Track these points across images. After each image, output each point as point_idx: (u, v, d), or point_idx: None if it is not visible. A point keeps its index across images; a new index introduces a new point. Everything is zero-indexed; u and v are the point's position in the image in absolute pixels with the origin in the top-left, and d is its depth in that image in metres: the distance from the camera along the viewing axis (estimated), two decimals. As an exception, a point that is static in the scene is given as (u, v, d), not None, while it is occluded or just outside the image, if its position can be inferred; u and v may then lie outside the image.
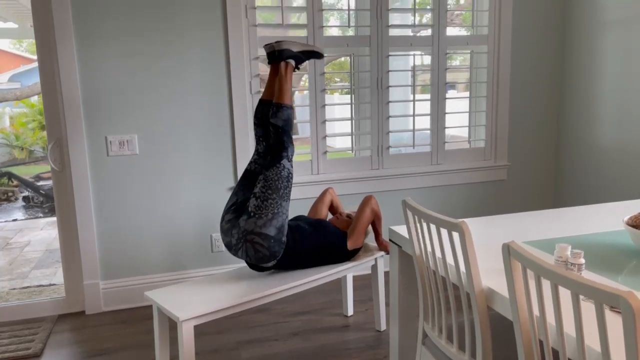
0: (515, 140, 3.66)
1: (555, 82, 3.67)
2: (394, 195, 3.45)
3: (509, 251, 1.21)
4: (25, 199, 6.87)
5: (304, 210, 3.17)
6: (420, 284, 1.73)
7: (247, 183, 2.36)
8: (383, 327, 2.73)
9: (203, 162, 3.09)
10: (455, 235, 1.45)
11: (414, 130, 3.40)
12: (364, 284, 3.27)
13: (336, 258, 2.48)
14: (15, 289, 3.79)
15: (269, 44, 2.36)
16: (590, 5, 3.38)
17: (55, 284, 3.82)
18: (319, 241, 2.41)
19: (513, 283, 1.22)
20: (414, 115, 3.38)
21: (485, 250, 1.70)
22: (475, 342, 1.48)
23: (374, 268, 2.66)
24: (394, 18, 3.39)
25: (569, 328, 1.15)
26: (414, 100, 3.40)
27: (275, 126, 2.30)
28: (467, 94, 3.64)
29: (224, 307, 2.12)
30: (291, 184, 2.30)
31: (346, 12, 3.25)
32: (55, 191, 2.95)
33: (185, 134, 3.03)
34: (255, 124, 2.43)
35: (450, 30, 3.46)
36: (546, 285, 1.28)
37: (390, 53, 3.31)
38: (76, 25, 2.78)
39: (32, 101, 8.82)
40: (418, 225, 1.62)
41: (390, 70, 3.32)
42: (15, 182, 7.26)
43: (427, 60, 3.44)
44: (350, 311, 2.90)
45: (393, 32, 3.31)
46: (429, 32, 3.39)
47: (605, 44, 3.29)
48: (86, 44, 2.81)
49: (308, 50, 2.42)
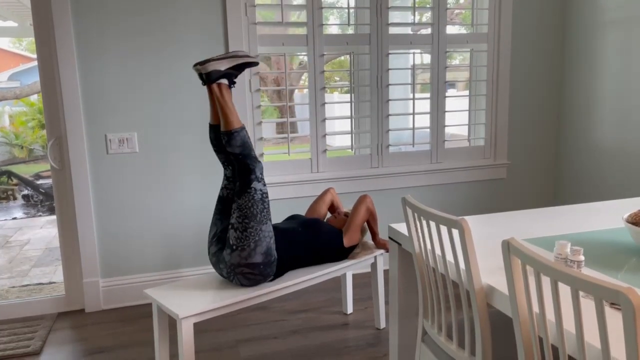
0: (514, 138, 3.66)
1: (555, 81, 3.67)
2: (394, 193, 3.45)
3: (508, 248, 1.21)
4: (25, 197, 6.87)
5: (303, 209, 3.18)
6: (420, 281, 1.73)
7: (223, 210, 2.28)
8: (383, 325, 2.73)
9: (202, 160, 3.08)
10: (455, 232, 1.45)
11: (413, 128, 3.40)
12: (364, 282, 3.27)
13: (333, 256, 2.47)
14: (15, 287, 3.80)
15: (195, 66, 2.15)
16: (590, 5, 3.38)
17: (54, 282, 3.82)
18: (312, 241, 2.40)
19: (513, 280, 1.22)
20: (413, 113, 3.38)
21: (485, 247, 1.70)
22: (475, 340, 1.48)
23: (374, 266, 2.66)
24: (394, 16, 3.39)
25: (569, 325, 1.14)
26: (413, 98, 3.40)
27: (234, 154, 2.17)
28: (467, 92, 3.64)
29: (224, 305, 2.12)
30: (267, 203, 2.19)
31: (346, 10, 3.25)
32: (55, 189, 2.95)
33: (185, 132, 3.03)
34: (214, 150, 2.30)
35: (450, 29, 3.46)
36: (546, 282, 1.28)
37: (390, 51, 3.30)
38: (76, 23, 2.78)
39: (32, 100, 8.82)
40: (418, 222, 1.62)
41: (390, 69, 3.32)
42: (15, 181, 7.26)
43: (427, 58, 3.44)
44: (350, 309, 2.90)
45: (393, 31, 3.31)
46: (428, 31, 3.39)
47: (605, 43, 3.29)
48: (86, 43, 2.81)
49: (239, 63, 2.19)
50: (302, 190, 3.23)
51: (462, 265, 1.47)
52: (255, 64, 2.27)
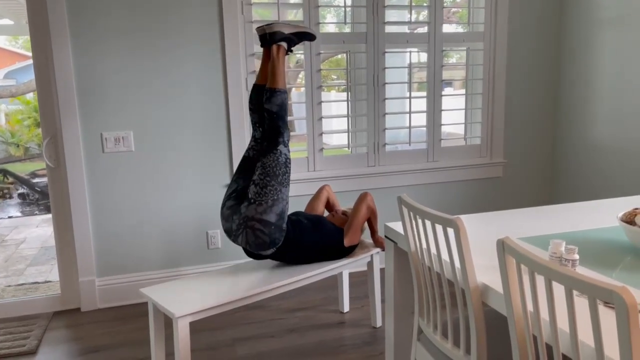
0: (511, 137, 3.67)
1: (550, 80, 3.68)
2: (390, 192, 3.45)
3: (503, 247, 1.21)
4: (20, 196, 6.85)
5: (301, 207, 3.18)
6: (416, 280, 1.73)
7: (246, 170, 2.34)
8: (379, 324, 2.73)
9: (199, 159, 3.08)
10: (450, 231, 1.45)
11: (410, 127, 3.40)
12: (360, 281, 3.27)
13: (333, 255, 2.48)
14: (10, 286, 3.78)
15: (261, 27, 2.32)
16: (587, 3, 3.38)
17: (50, 281, 3.81)
18: (317, 237, 2.42)
19: (507, 279, 1.23)
20: (410, 112, 3.38)
21: (480, 246, 1.70)
22: (470, 338, 1.48)
23: (370, 265, 2.67)
24: (390, 15, 3.39)
25: (563, 323, 1.15)
26: (410, 97, 3.40)
27: (269, 112, 2.27)
28: (463, 91, 3.65)
29: (220, 304, 2.12)
30: (289, 169, 2.28)
31: (342, 9, 3.25)
32: (51, 188, 2.94)
33: (181, 131, 3.03)
34: (250, 109, 2.40)
35: (447, 28, 3.46)
36: (540, 280, 1.29)
37: (386, 50, 3.30)
38: (71, 22, 2.77)
39: (28, 98, 8.79)
40: (413, 221, 1.63)
41: (387, 68, 3.32)
42: (10, 179, 7.23)
43: (424, 57, 3.44)
44: (346, 308, 2.91)
45: (389, 29, 3.31)
46: (425, 29, 3.39)
47: (601, 41, 3.30)
48: (81, 41, 2.80)
49: (300, 31, 2.36)
50: (299, 189, 3.23)
51: (458, 264, 1.47)
52: (314, 38, 2.43)
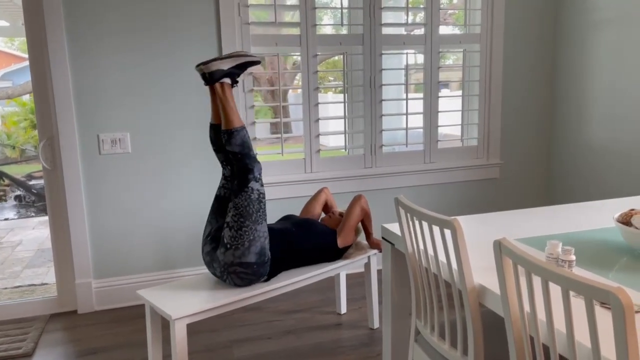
0: (507, 138, 3.68)
1: (547, 81, 3.69)
2: (387, 193, 3.45)
3: (500, 248, 1.21)
4: (17, 198, 6.82)
5: (297, 209, 3.17)
6: (413, 281, 1.73)
7: (219, 209, 2.29)
8: (376, 325, 2.73)
9: (195, 161, 3.08)
10: (447, 232, 1.45)
11: (407, 128, 3.40)
12: (357, 282, 3.27)
13: (327, 256, 2.48)
14: (6, 288, 3.77)
15: (198, 66, 2.17)
16: (582, 5, 3.40)
17: (47, 284, 3.80)
18: (308, 242, 2.41)
19: (504, 280, 1.23)
20: (407, 113, 3.39)
21: (477, 247, 1.71)
22: (467, 339, 1.49)
23: (367, 266, 2.67)
24: (387, 17, 3.39)
25: (560, 324, 1.15)
26: (407, 98, 3.41)
27: (233, 153, 2.18)
28: (460, 92, 3.65)
29: (217, 306, 2.11)
30: (264, 203, 2.20)
31: (339, 11, 3.25)
32: (47, 190, 2.93)
33: (178, 132, 3.02)
34: (214, 149, 2.32)
35: (443, 29, 3.46)
36: (537, 281, 1.29)
37: (383, 52, 3.31)
38: (67, 23, 2.76)
39: (24, 100, 8.76)
40: (410, 222, 1.63)
41: (384, 69, 3.33)
42: (6, 181, 7.20)
43: (420, 58, 3.45)
44: (343, 309, 2.91)
45: (386, 31, 3.32)
46: (422, 31, 3.40)
47: (597, 42, 3.31)
48: (78, 42, 2.80)
49: (241, 62, 2.22)
50: (296, 191, 3.23)
51: (455, 265, 1.48)
52: (257, 63, 2.30)
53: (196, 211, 3.12)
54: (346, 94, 3.35)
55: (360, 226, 2.63)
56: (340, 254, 2.52)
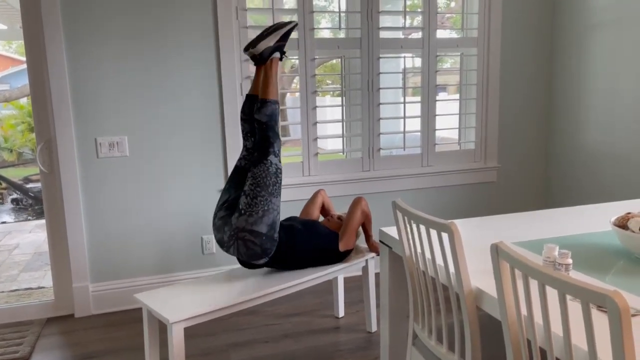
0: (504, 142, 3.69)
1: (544, 84, 3.70)
2: (385, 196, 3.46)
3: (497, 252, 1.22)
4: (14, 201, 6.80)
5: (295, 212, 3.17)
6: (410, 285, 1.73)
7: (238, 180, 2.34)
8: (374, 329, 2.73)
9: (194, 164, 3.08)
10: (445, 236, 1.46)
11: (404, 132, 3.41)
12: (355, 286, 3.27)
13: (328, 259, 2.48)
14: (3, 292, 3.76)
15: (247, 50, 2.28)
16: (579, 8, 3.41)
17: (44, 287, 3.79)
18: (312, 242, 2.42)
19: (501, 283, 1.23)
20: (404, 117, 3.40)
21: (474, 251, 1.71)
22: (465, 342, 1.49)
23: (365, 269, 2.67)
24: (385, 20, 3.40)
25: (557, 327, 1.15)
26: (404, 102, 3.42)
27: (259, 122, 2.26)
28: (457, 96, 3.66)
29: (215, 309, 2.11)
30: (280, 179, 2.27)
31: (337, 15, 3.26)
32: (44, 193, 2.92)
33: (176, 136, 3.02)
34: (242, 119, 2.39)
35: (441, 33, 3.48)
36: (534, 285, 1.29)
37: (381, 55, 3.32)
38: (65, 26, 2.77)
39: (21, 103, 8.75)
40: (408, 226, 1.63)
41: (381, 73, 3.33)
42: (3, 185, 7.18)
43: (418, 62, 3.46)
44: (341, 313, 2.90)
45: (384, 35, 3.32)
46: (419, 35, 3.41)
47: (594, 46, 3.33)
48: (75, 45, 2.80)
49: (283, 33, 2.33)
50: (294, 194, 3.23)
51: (452, 268, 1.48)
52: (296, 25, 2.40)
53: (193, 214, 3.12)
54: (344, 98, 3.35)
55: (360, 229, 2.63)
56: (341, 257, 2.52)
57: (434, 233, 1.52)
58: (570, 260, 1.43)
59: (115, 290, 3.04)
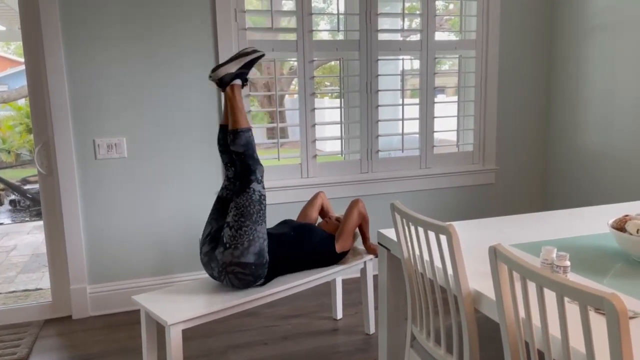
0: (503, 144, 3.69)
1: (542, 87, 3.71)
2: (383, 198, 3.46)
3: (495, 254, 1.22)
4: (11, 202, 6.79)
5: (294, 214, 3.17)
6: (409, 287, 1.73)
7: (220, 210, 2.31)
8: (372, 331, 2.73)
9: (192, 166, 3.08)
10: (443, 238, 1.46)
11: (402, 134, 3.41)
12: (354, 288, 3.27)
13: (325, 261, 2.48)
14: (1, 293, 3.75)
15: (210, 76, 2.25)
16: (577, 11, 3.42)
17: (41, 289, 3.78)
18: (305, 246, 2.41)
19: (499, 285, 1.23)
20: (403, 119, 3.40)
21: (472, 253, 1.71)
22: (463, 344, 1.49)
23: (363, 271, 2.67)
24: (383, 22, 3.41)
25: (555, 330, 1.16)
26: (402, 104, 3.42)
27: (236, 153, 2.23)
28: (456, 98, 3.67)
29: (213, 311, 2.11)
30: (264, 205, 2.24)
31: (336, 17, 3.27)
32: (42, 195, 2.92)
33: (174, 137, 3.02)
34: (219, 150, 2.37)
35: (439, 35, 3.48)
36: (532, 287, 1.29)
37: (379, 57, 3.32)
38: (64, 28, 2.77)
39: (20, 104, 8.74)
40: (406, 228, 1.63)
41: (380, 75, 3.34)
42: (1, 186, 7.17)
43: (416, 64, 3.47)
44: (339, 314, 2.90)
45: (382, 37, 3.33)
46: (418, 37, 3.42)
47: (592, 49, 3.33)
48: (74, 47, 2.80)
49: (247, 62, 2.29)
50: (292, 196, 3.23)
51: (450, 270, 1.48)
52: (261, 57, 2.35)
53: (192, 216, 3.11)
54: (342, 100, 3.35)
55: (358, 231, 2.64)
56: (338, 259, 2.52)
57: (432, 235, 1.53)
58: (568, 263, 1.43)
59: (113, 292, 3.04)
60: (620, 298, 0.92)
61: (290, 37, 3.19)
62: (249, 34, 3.08)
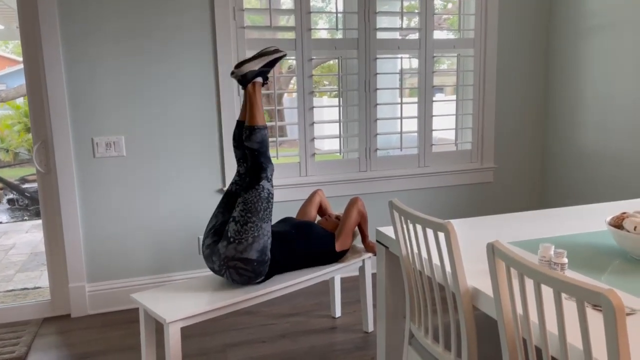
0: (501, 142, 3.70)
1: (540, 86, 3.72)
2: (382, 197, 3.46)
3: (493, 251, 1.22)
4: (10, 201, 6.79)
5: (293, 212, 3.17)
6: (407, 284, 1.74)
7: (228, 205, 2.32)
8: (370, 329, 2.73)
9: (190, 164, 3.08)
10: (441, 235, 1.46)
11: (401, 132, 3.42)
12: (352, 286, 3.28)
13: (324, 259, 2.48)
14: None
15: (233, 72, 2.29)
16: (575, 10, 3.43)
17: (40, 287, 3.78)
18: (306, 245, 2.42)
19: (497, 282, 1.24)
20: (401, 117, 3.40)
21: (470, 250, 1.71)
22: (461, 342, 1.49)
23: (362, 269, 2.67)
24: (382, 21, 3.41)
25: (552, 326, 1.16)
26: (401, 103, 3.42)
27: (250, 149, 2.25)
28: (454, 97, 3.67)
29: (211, 309, 2.11)
30: (272, 204, 2.25)
31: (334, 15, 3.27)
32: (41, 193, 2.92)
33: (173, 136, 3.02)
34: (233, 145, 2.39)
35: (438, 34, 3.48)
36: (529, 284, 1.30)
37: (378, 56, 3.32)
38: (62, 26, 2.76)
39: (18, 103, 8.74)
40: (405, 226, 1.63)
41: (378, 73, 3.34)
42: (0, 185, 7.17)
43: (415, 63, 3.47)
44: (338, 313, 2.91)
45: (381, 35, 3.33)
46: (416, 36, 3.42)
47: (590, 48, 3.34)
48: (72, 45, 2.79)
49: (270, 60, 2.33)
50: (291, 194, 3.24)
51: (448, 268, 1.48)
52: (284, 56, 2.40)
53: (190, 214, 3.11)
54: (341, 98, 3.36)
55: (357, 229, 2.64)
56: (337, 257, 2.52)
57: (430, 233, 1.53)
58: (565, 260, 1.43)
59: (112, 290, 3.04)
60: (617, 294, 0.92)
61: (289, 36, 3.19)
62: (248, 33, 3.08)
